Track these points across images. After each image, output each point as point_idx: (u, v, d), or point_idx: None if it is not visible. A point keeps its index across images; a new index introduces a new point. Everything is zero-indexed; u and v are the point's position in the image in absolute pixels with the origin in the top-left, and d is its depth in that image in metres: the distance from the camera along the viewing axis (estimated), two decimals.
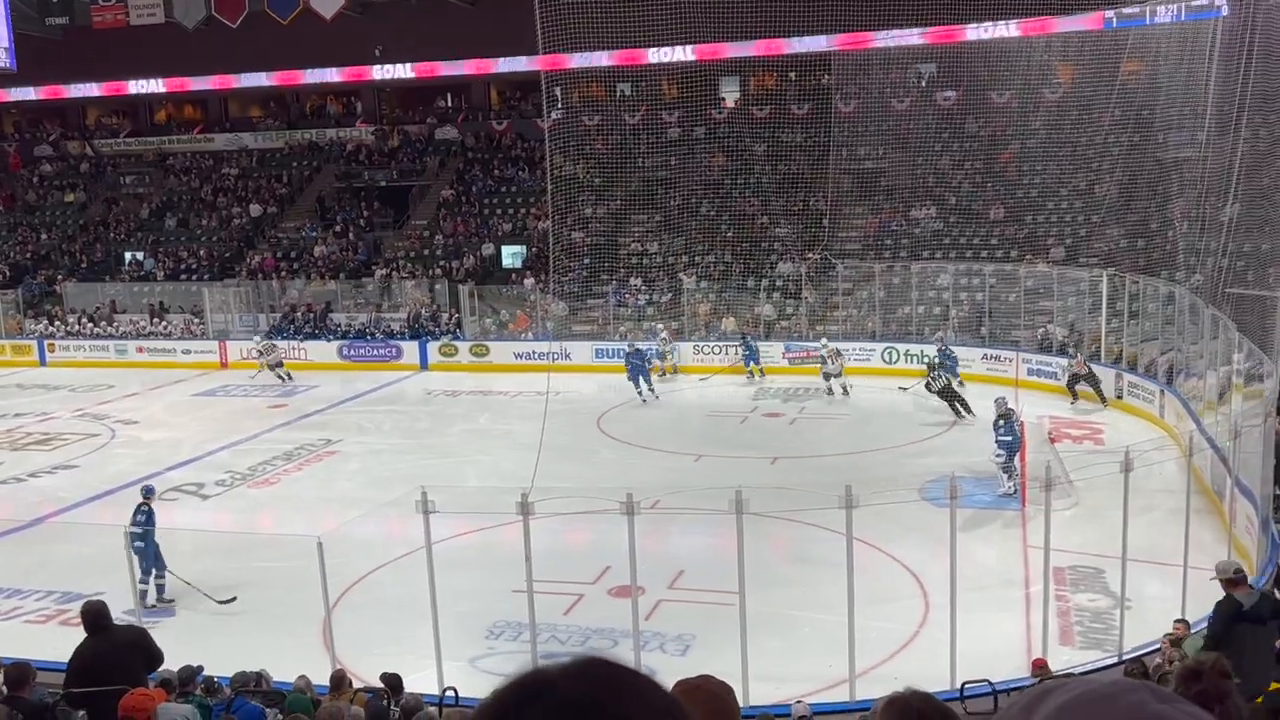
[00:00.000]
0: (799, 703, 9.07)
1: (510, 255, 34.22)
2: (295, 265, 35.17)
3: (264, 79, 35.68)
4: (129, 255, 37.28)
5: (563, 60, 28.03)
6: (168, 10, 35.43)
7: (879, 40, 29.00)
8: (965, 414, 21.41)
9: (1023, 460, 16.47)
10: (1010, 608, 12.53)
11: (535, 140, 35.90)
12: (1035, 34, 27.87)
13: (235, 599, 13.57)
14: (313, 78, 34.99)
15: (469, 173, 37.46)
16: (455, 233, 35.16)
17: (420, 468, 18.94)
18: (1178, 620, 10.12)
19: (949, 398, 21.77)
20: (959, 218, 30.69)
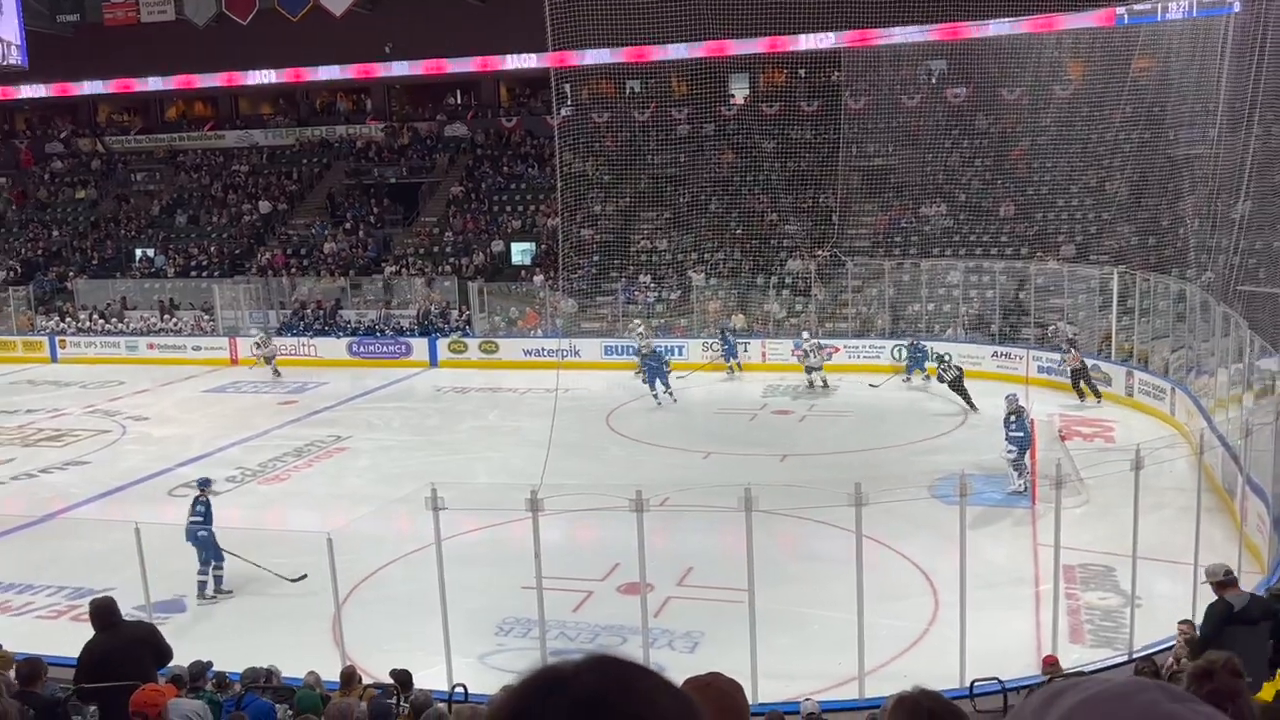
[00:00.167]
0: (808, 700, 9.06)
1: (519, 252, 34.23)
2: (305, 262, 35.25)
3: (273, 76, 35.78)
4: (140, 252, 37.41)
5: (570, 57, 28.03)
6: (178, 7, 35.55)
7: (886, 37, 28.93)
8: (971, 408, 21.76)
9: (1033, 458, 16.43)
10: (1020, 605, 12.51)
11: (545, 137, 35.90)
12: (1045, 31, 27.79)
13: (306, 576, 13.38)
14: (321, 75, 35.06)
15: (478, 170, 37.48)
16: (465, 230, 35.19)
17: (430, 464, 18.98)
18: (1182, 621, 10.07)
19: (959, 390, 22.11)
20: (969, 215, 30.60)
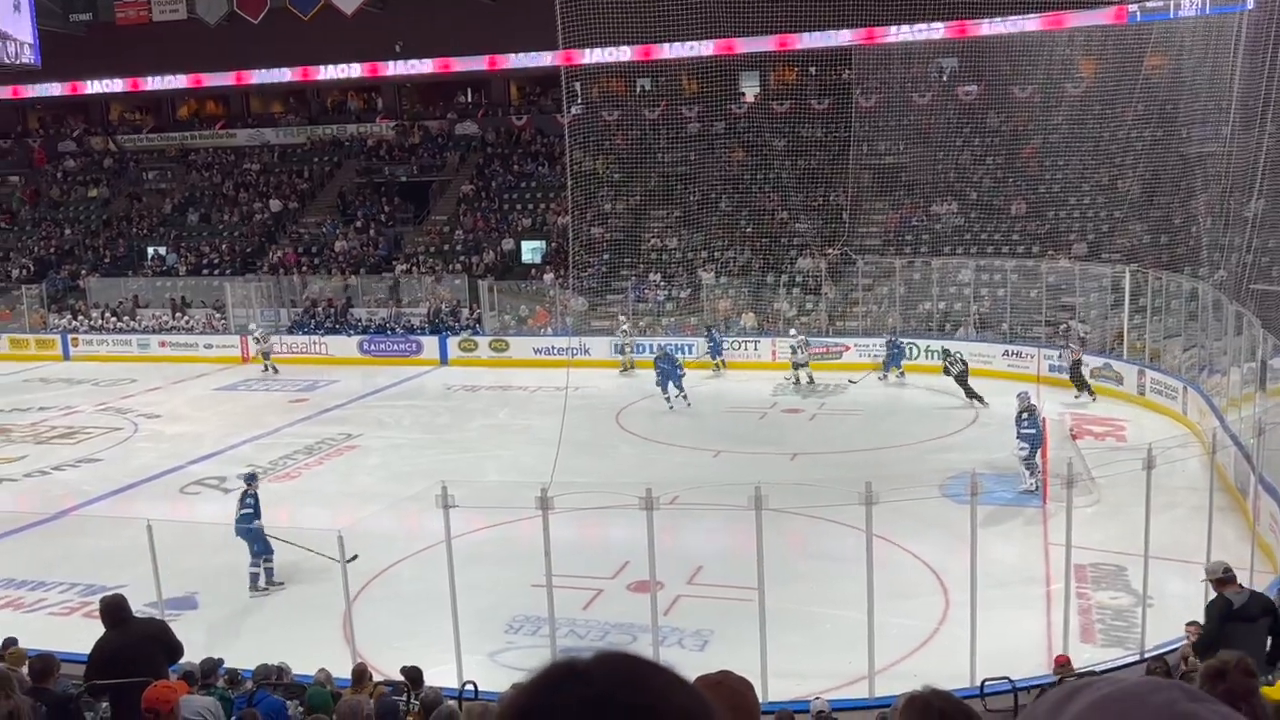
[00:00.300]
0: (818, 699, 9.06)
1: (530, 250, 34.25)
2: (316, 260, 35.31)
3: (283, 74, 35.85)
4: (151, 250, 37.54)
5: (579, 55, 28.02)
6: (190, 6, 35.63)
7: (895, 35, 28.85)
8: (979, 402, 22.23)
9: (1044, 457, 16.39)
10: (1031, 605, 12.48)
11: (555, 135, 35.90)
12: (1054, 29, 27.68)
13: (356, 557, 13.03)
14: (331, 73, 35.10)
15: (489, 168, 37.51)
16: (475, 228, 35.22)
17: (440, 462, 18.99)
18: (1190, 623, 10.03)
19: (964, 385, 22.56)
20: (980, 213, 30.52)
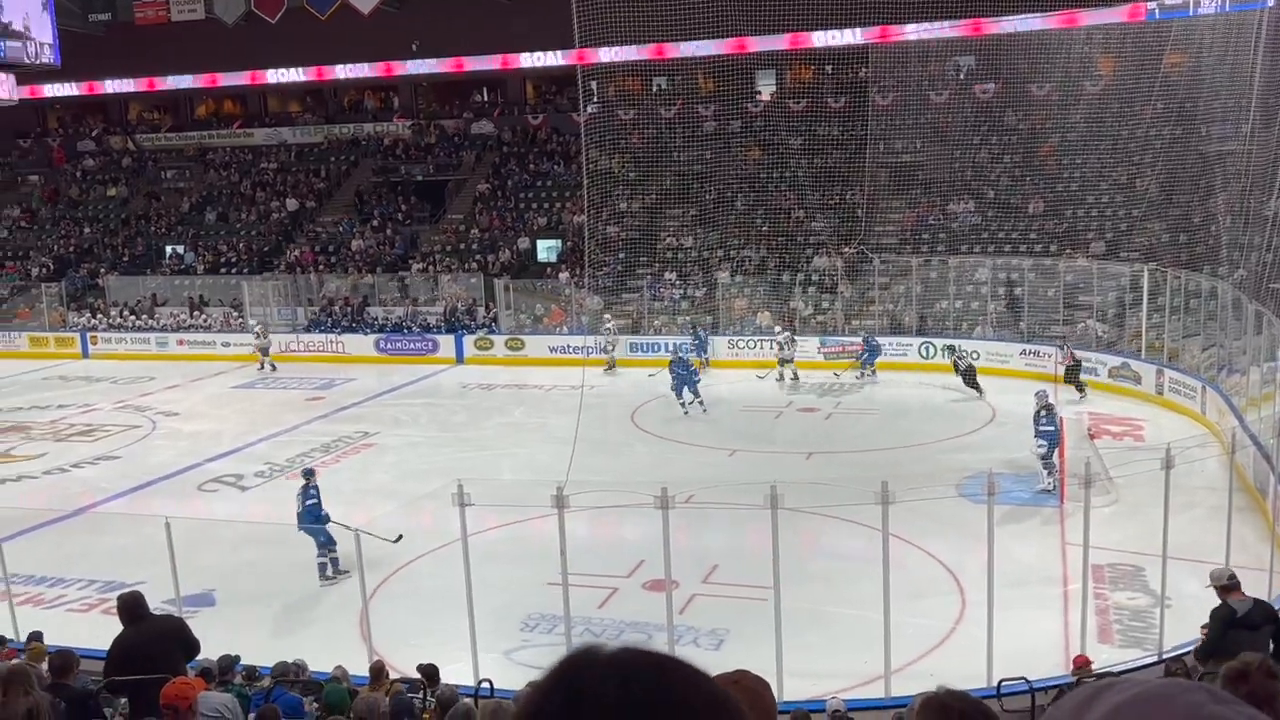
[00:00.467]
0: (833, 698, 9.05)
1: (545, 249, 34.28)
2: (333, 259, 35.44)
3: (298, 74, 35.93)
4: (169, 249, 37.74)
5: (594, 54, 27.97)
6: (208, 6, 35.80)
7: (909, 33, 28.71)
8: (980, 394, 23.10)
9: (1061, 456, 16.31)
10: (1048, 605, 12.43)
11: (571, 134, 35.94)
12: (1068, 27, 27.50)
13: (401, 537, 13.72)
14: (347, 73, 35.17)
15: (505, 167, 37.56)
16: (491, 227, 35.28)
17: (456, 460, 19.02)
18: (1203, 626, 9.96)
19: (970, 381, 23.23)
20: (997, 212, 30.40)
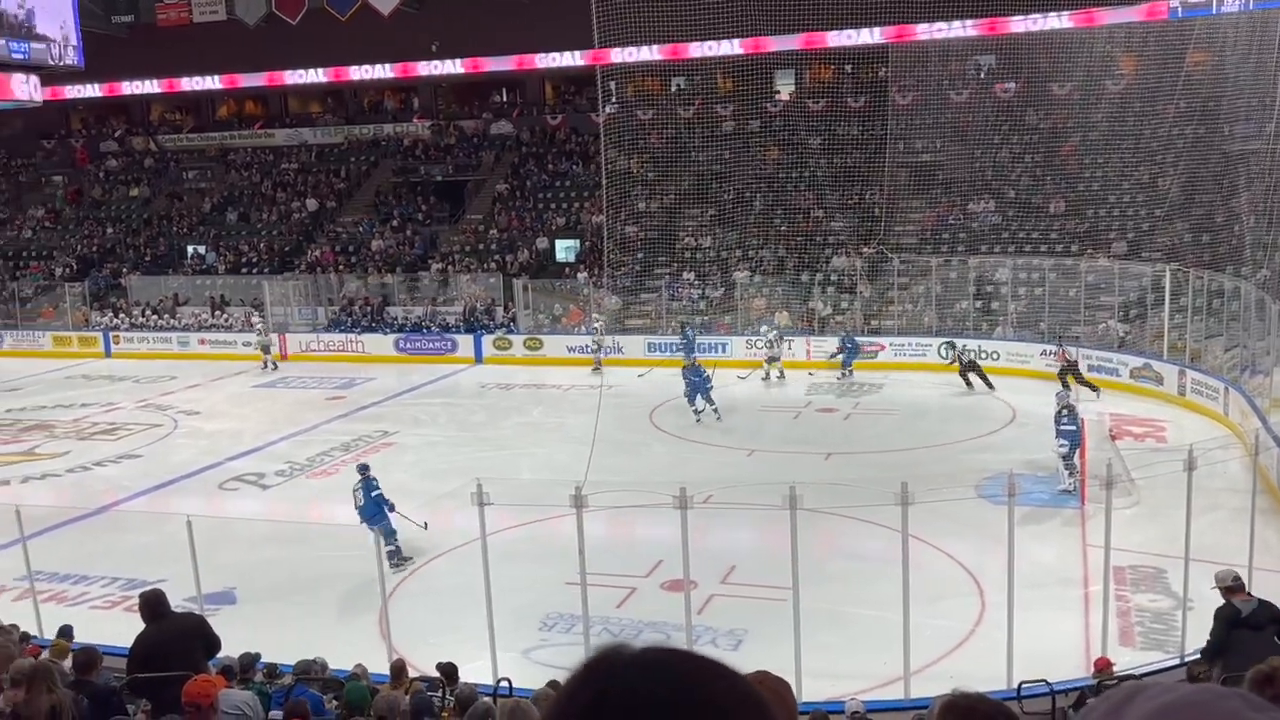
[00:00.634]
0: (853, 699, 9.02)
1: (564, 249, 34.32)
2: (353, 259, 35.59)
3: (316, 75, 36.03)
4: (191, 249, 37.98)
5: (612, 55, 27.93)
6: (229, 8, 36.01)
7: (926, 33, 28.55)
8: (984, 385, 23.70)
9: (1082, 457, 16.22)
10: (1069, 607, 12.36)
11: (589, 135, 35.97)
12: (1087, 26, 27.30)
13: (427, 525, 14.64)
14: (364, 74, 35.28)
15: (524, 167, 37.63)
16: (510, 227, 35.35)
17: (475, 460, 19.07)
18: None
19: (974, 375, 23.88)
20: (1018, 211, 30.25)
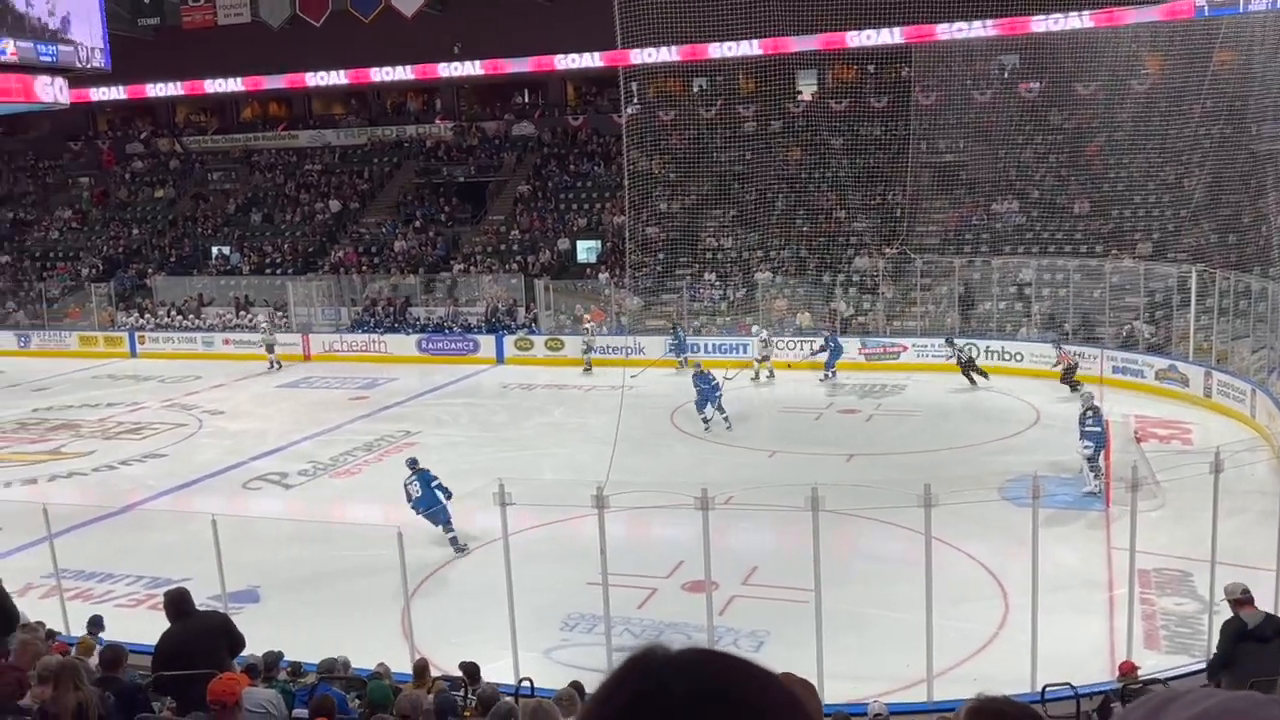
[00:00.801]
0: (875, 701, 8.99)
1: (585, 250, 34.36)
2: (376, 260, 35.75)
3: (338, 77, 36.17)
4: (216, 249, 38.24)
5: (632, 56, 27.87)
6: (254, 10, 36.23)
7: (947, 33, 28.39)
8: (983, 379, 24.22)
9: (1107, 459, 16.11)
10: (1093, 610, 12.27)
11: (611, 135, 36.00)
12: (1109, 26, 27.09)
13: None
14: (385, 76, 35.40)
15: (545, 168, 37.70)
16: (531, 228, 35.42)
17: (497, 460, 19.08)
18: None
19: (969, 369, 24.30)
20: (1041, 212, 30.08)
